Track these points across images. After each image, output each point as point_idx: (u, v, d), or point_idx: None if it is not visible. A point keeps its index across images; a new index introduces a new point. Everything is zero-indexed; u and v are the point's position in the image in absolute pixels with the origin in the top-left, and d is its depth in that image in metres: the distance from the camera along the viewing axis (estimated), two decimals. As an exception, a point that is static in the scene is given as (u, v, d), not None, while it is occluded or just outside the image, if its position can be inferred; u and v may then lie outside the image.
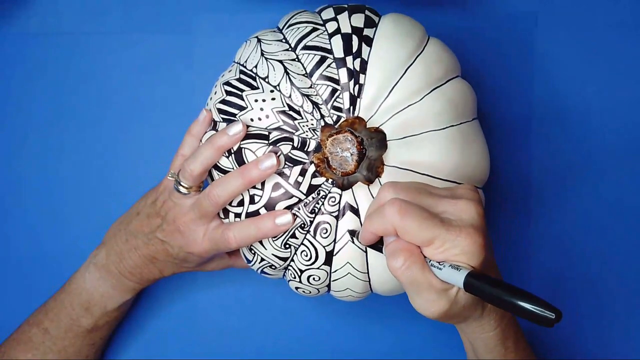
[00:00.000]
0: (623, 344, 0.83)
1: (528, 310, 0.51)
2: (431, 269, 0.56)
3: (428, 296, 0.56)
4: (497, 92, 0.81)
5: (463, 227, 0.55)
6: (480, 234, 0.55)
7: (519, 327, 0.66)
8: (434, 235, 0.55)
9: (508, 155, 0.82)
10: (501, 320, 0.62)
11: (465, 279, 0.54)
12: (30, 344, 0.74)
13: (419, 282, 0.56)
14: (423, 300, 0.57)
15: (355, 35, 0.65)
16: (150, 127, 0.81)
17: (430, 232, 0.55)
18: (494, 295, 0.53)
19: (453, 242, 0.55)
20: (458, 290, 0.57)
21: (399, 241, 0.56)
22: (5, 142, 0.81)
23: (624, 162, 0.82)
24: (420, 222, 0.55)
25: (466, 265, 0.55)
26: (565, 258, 0.83)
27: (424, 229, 0.55)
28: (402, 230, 0.55)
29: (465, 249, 0.55)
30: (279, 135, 0.65)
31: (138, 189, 0.77)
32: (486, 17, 0.81)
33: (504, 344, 0.64)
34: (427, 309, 0.57)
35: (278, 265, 0.67)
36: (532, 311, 0.51)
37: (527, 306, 0.51)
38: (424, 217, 0.55)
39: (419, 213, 0.55)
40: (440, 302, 0.56)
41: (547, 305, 0.51)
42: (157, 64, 0.81)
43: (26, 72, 0.81)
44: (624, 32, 0.81)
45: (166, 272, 0.73)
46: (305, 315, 0.83)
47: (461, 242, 0.55)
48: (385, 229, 0.56)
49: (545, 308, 0.51)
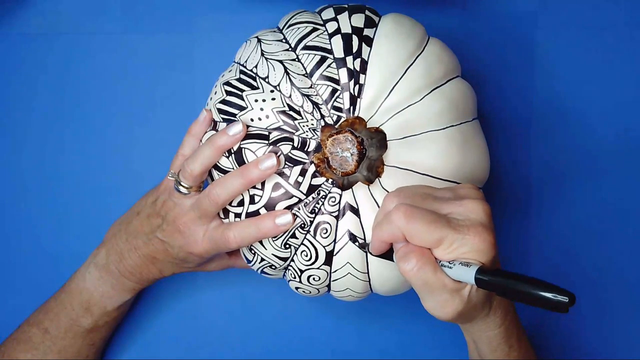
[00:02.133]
0: (623, 344, 0.83)
1: (543, 297, 0.52)
2: (442, 269, 0.56)
3: (441, 297, 0.57)
4: (497, 92, 0.81)
5: (471, 226, 0.56)
6: (489, 232, 0.56)
7: (521, 326, 0.66)
8: (441, 235, 0.55)
9: (508, 155, 0.82)
10: (505, 318, 0.63)
11: (477, 274, 0.55)
12: (30, 343, 0.74)
13: (431, 283, 0.56)
14: (436, 301, 0.57)
15: (356, 35, 0.65)
16: (150, 127, 0.81)
17: (437, 233, 0.55)
18: (508, 286, 0.53)
19: (462, 240, 0.55)
20: (471, 288, 0.57)
21: (408, 245, 0.57)
22: (6, 142, 0.81)
23: (624, 162, 0.82)
24: (426, 223, 0.55)
25: (476, 262, 0.56)
26: (565, 258, 0.83)
27: (431, 230, 0.55)
28: (410, 233, 0.56)
29: (475, 246, 0.55)
30: (279, 135, 0.65)
31: (138, 189, 0.77)
32: (486, 17, 0.81)
33: (508, 342, 0.64)
34: (440, 310, 0.58)
35: (278, 265, 0.67)
36: (548, 298, 0.51)
37: (542, 293, 0.52)
38: (430, 219, 0.56)
39: (424, 215, 0.56)
40: (454, 302, 0.57)
41: (560, 290, 0.51)
42: (157, 64, 0.81)
43: (26, 72, 0.81)
44: (624, 32, 0.81)
45: (166, 272, 0.73)
46: (305, 315, 0.83)
47: (470, 240, 0.55)
48: (393, 234, 0.57)
49: (558, 293, 0.51)
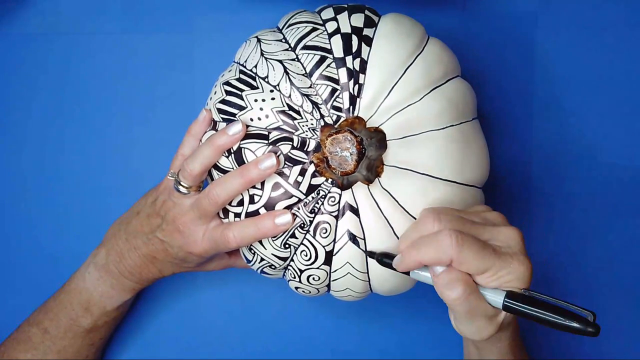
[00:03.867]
0: (623, 344, 0.83)
1: (571, 327, 0.55)
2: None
3: (480, 323, 0.59)
4: (497, 92, 0.81)
5: (514, 255, 0.58)
6: (529, 260, 0.58)
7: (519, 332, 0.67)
8: (489, 264, 0.57)
9: (508, 155, 0.82)
10: (513, 332, 0.64)
11: (506, 300, 0.57)
12: (29, 343, 0.74)
13: (475, 311, 0.58)
14: (475, 327, 0.59)
15: (355, 35, 0.65)
16: (150, 127, 0.81)
17: (486, 262, 0.57)
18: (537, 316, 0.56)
19: (507, 269, 0.57)
20: (505, 313, 0.59)
21: (452, 271, 0.58)
22: (5, 142, 0.81)
23: (624, 162, 0.82)
24: (476, 252, 0.57)
25: (518, 289, 0.58)
26: (565, 257, 0.83)
27: (479, 259, 0.57)
28: (460, 260, 0.57)
29: (519, 275, 0.57)
30: (278, 135, 0.65)
31: (138, 189, 0.77)
32: (486, 17, 0.81)
33: (513, 351, 0.65)
34: (476, 334, 0.59)
35: (278, 265, 0.67)
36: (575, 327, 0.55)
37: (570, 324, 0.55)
38: (479, 247, 0.57)
39: (474, 243, 0.57)
40: (491, 327, 0.59)
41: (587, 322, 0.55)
42: (157, 64, 0.81)
43: (26, 72, 0.81)
44: (624, 32, 0.81)
45: (166, 272, 0.73)
46: (305, 315, 0.83)
47: (515, 269, 0.57)
48: (440, 259, 0.57)
49: (586, 325, 0.55)
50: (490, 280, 0.58)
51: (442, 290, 0.58)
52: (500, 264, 0.57)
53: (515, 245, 0.58)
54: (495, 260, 0.57)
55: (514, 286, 0.58)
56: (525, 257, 0.58)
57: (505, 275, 0.57)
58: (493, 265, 0.57)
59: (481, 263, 0.57)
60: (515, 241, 0.59)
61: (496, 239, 0.59)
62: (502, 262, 0.57)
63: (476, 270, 0.57)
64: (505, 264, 0.57)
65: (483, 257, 0.57)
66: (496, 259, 0.57)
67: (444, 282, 0.58)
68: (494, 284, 0.58)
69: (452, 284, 0.57)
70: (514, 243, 0.59)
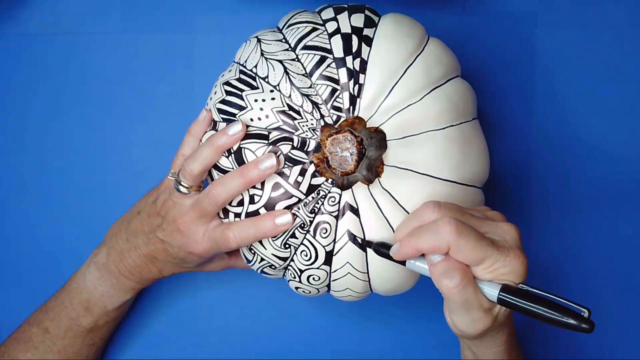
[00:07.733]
0: (623, 344, 0.83)
1: (566, 323, 0.56)
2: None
3: (475, 315, 0.59)
4: (497, 92, 0.81)
5: (510, 248, 0.58)
6: (524, 255, 0.58)
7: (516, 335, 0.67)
8: (485, 255, 0.57)
9: (508, 155, 0.82)
10: (510, 334, 0.64)
11: (500, 293, 0.58)
12: (30, 343, 0.74)
13: (471, 302, 0.58)
14: (469, 319, 0.59)
15: (355, 35, 0.65)
16: (150, 127, 0.81)
17: (482, 252, 0.57)
18: (532, 309, 0.57)
19: (503, 262, 0.58)
20: (500, 307, 0.59)
21: (449, 260, 0.58)
22: (5, 142, 0.81)
23: (624, 161, 0.82)
24: (474, 241, 0.57)
25: (512, 283, 0.58)
26: (565, 257, 0.83)
27: (477, 248, 0.57)
28: (458, 249, 0.57)
29: (514, 269, 0.58)
30: (278, 135, 0.65)
31: (138, 189, 0.77)
32: (486, 17, 0.81)
33: (510, 355, 0.65)
34: (470, 327, 0.59)
35: (278, 265, 0.67)
36: (570, 323, 0.55)
37: (565, 320, 0.56)
38: (477, 237, 0.57)
39: (472, 233, 0.57)
40: (485, 320, 0.59)
41: (583, 318, 0.55)
42: (157, 64, 0.81)
43: (26, 72, 0.81)
44: (624, 32, 0.81)
45: (166, 272, 0.73)
46: (305, 315, 0.83)
47: (510, 262, 0.58)
48: (438, 246, 0.58)
49: (581, 321, 0.55)
50: (485, 272, 0.58)
51: (440, 279, 0.58)
52: (496, 256, 0.57)
53: (512, 240, 0.59)
54: (491, 251, 0.57)
55: (509, 280, 0.58)
56: (521, 252, 0.58)
57: (501, 268, 0.58)
58: (489, 257, 0.57)
59: (478, 253, 0.57)
60: (512, 236, 0.59)
61: (494, 232, 0.59)
62: (498, 254, 0.57)
63: (473, 260, 0.57)
64: (502, 256, 0.58)
65: (480, 247, 0.57)
66: (493, 250, 0.57)
67: (442, 271, 0.58)
68: (489, 276, 0.58)
69: (449, 272, 0.57)
70: (510, 237, 0.59)
